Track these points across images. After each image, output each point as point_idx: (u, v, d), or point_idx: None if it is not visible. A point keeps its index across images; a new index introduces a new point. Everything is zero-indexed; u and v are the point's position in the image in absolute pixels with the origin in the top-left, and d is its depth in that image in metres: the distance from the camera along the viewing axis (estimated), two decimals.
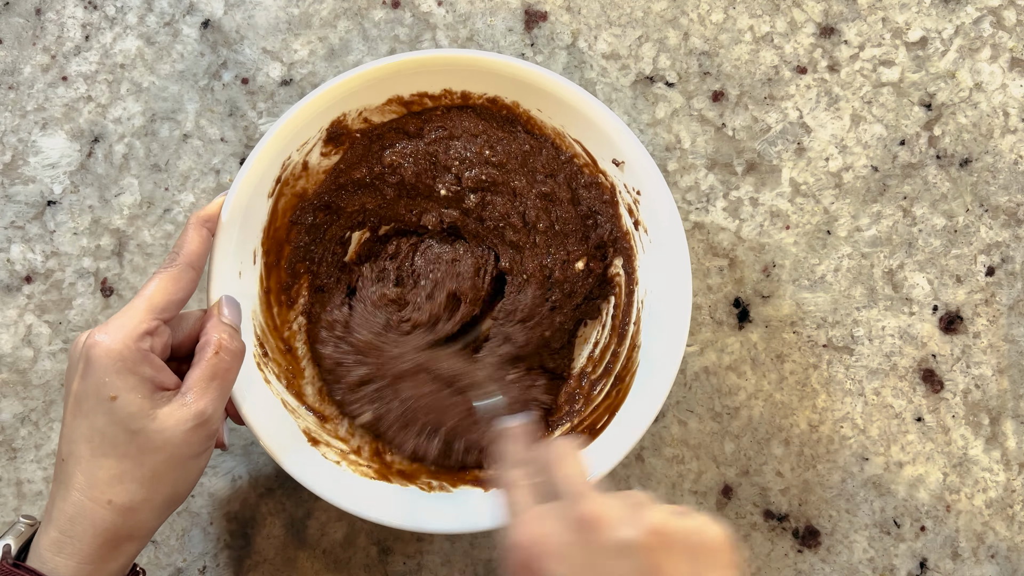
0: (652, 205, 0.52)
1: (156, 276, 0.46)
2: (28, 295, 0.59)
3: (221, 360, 0.45)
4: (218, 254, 0.50)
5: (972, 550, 0.58)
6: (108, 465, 0.42)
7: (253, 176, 0.51)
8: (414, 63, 0.51)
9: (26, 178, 0.60)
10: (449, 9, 0.61)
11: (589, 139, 0.53)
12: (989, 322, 0.59)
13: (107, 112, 0.60)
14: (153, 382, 0.44)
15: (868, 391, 0.59)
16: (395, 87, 0.53)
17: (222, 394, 0.45)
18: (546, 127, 0.54)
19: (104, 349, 0.42)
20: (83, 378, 0.43)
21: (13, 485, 0.58)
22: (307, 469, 0.51)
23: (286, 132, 0.51)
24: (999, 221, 0.60)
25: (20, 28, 0.61)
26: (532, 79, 0.52)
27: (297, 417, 0.53)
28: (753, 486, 0.58)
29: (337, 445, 0.54)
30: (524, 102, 0.53)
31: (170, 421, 0.43)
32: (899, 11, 0.61)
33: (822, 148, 0.60)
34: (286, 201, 0.54)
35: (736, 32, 0.61)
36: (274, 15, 0.61)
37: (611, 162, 0.53)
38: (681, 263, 0.51)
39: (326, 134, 0.53)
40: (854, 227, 0.60)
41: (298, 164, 0.53)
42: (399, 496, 0.52)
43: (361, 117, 0.54)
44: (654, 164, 0.51)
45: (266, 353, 0.53)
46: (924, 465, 0.58)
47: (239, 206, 0.51)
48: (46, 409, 0.59)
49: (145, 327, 0.44)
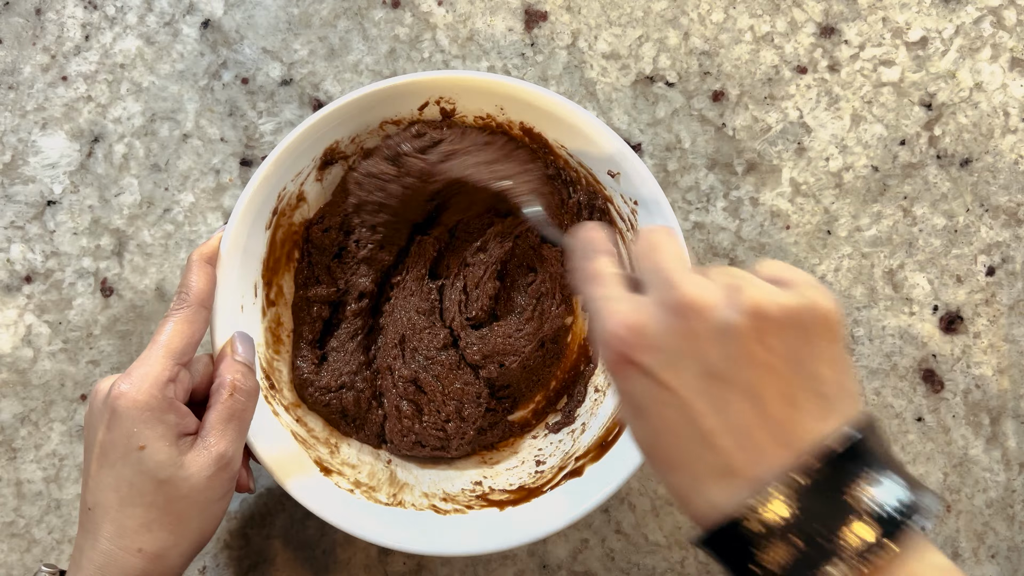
0: (652, 216, 0.52)
1: (169, 320, 0.46)
2: (28, 295, 0.59)
3: (236, 401, 0.46)
4: (219, 289, 0.50)
5: (972, 550, 0.58)
6: (137, 514, 0.43)
7: (250, 209, 0.51)
8: (402, 87, 0.51)
9: (26, 178, 0.60)
10: (449, 9, 0.61)
11: (587, 153, 0.53)
12: (989, 322, 0.59)
13: (107, 112, 0.60)
14: (178, 429, 0.44)
15: (868, 391, 0.59)
16: (386, 111, 0.53)
17: (240, 434, 0.46)
18: (547, 138, 0.54)
19: (130, 400, 0.43)
20: (109, 429, 0.43)
21: (13, 485, 0.58)
22: (322, 501, 0.50)
23: (280, 163, 0.51)
24: (999, 221, 0.60)
25: (20, 28, 0.61)
26: (519, 94, 0.52)
27: (308, 448, 0.53)
28: None
29: (349, 474, 0.53)
30: (517, 117, 0.54)
31: (194, 467, 0.43)
32: (899, 11, 0.61)
33: (822, 148, 0.60)
34: (284, 232, 0.54)
35: (736, 32, 0.61)
36: (274, 15, 0.61)
37: (607, 174, 0.53)
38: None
39: (320, 162, 0.53)
40: (854, 227, 0.60)
41: (294, 194, 0.53)
42: (415, 520, 0.52)
43: (355, 143, 0.54)
44: (651, 174, 0.51)
45: (273, 385, 0.53)
46: (924, 465, 0.58)
47: (238, 240, 0.51)
48: (46, 409, 0.59)
49: (168, 374, 0.44)
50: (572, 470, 0.53)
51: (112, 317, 0.59)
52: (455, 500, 0.53)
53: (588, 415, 0.56)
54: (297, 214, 0.54)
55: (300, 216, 0.55)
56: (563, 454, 0.55)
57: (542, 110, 0.52)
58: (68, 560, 0.58)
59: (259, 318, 0.53)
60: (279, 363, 0.55)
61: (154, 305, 0.59)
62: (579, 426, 0.56)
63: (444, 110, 0.53)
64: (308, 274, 0.56)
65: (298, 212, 0.54)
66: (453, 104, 0.53)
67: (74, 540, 0.49)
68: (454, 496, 0.54)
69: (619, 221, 0.54)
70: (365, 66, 0.61)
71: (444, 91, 0.52)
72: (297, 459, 0.52)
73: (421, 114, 0.53)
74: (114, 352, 0.59)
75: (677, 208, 0.60)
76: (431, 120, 0.54)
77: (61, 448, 0.58)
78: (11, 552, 0.58)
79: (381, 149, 0.54)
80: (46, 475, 0.58)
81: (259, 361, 0.52)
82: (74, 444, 0.59)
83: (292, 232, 0.55)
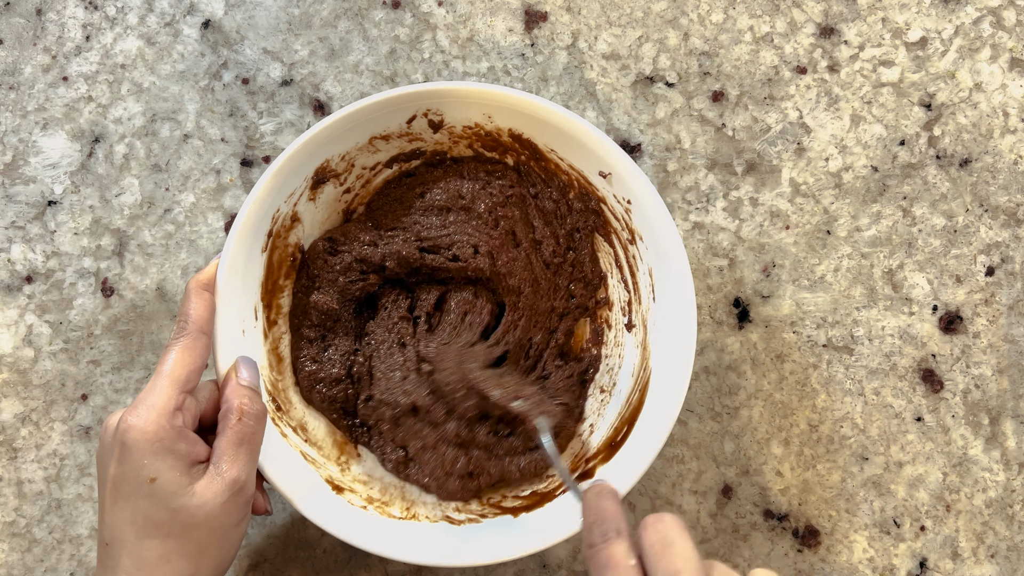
0: (645, 213, 0.52)
1: (171, 349, 0.46)
2: (29, 295, 0.59)
3: (245, 425, 0.46)
4: (219, 314, 0.50)
5: (972, 550, 0.58)
6: (154, 546, 0.43)
7: (245, 233, 0.51)
8: (387, 103, 0.51)
9: (27, 178, 0.60)
10: (449, 9, 0.61)
11: (577, 156, 0.53)
12: (989, 322, 0.59)
13: (108, 112, 0.60)
14: (189, 457, 0.44)
15: (868, 391, 0.59)
16: (374, 127, 0.53)
17: (252, 458, 0.46)
18: (536, 143, 0.54)
19: (139, 432, 0.42)
20: (120, 463, 0.43)
21: (14, 485, 0.58)
22: (337, 519, 0.50)
23: (272, 185, 0.51)
24: (999, 221, 0.60)
25: (21, 28, 0.61)
26: (506, 101, 0.52)
27: (318, 467, 0.53)
28: (753, 486, 0.58)
29: (361, 491, 0.53)
30: (506, 124, 0.54)
31: (208, 494, 0.43)
32: (899, 11, 0.61)
33: (822, 148, 0.60)
34: (280, 254, 0.54)
35: (736, 32, 0.61)
36: (275, 15, 0.61)
37: (598, 174, 0.53)
38: (679, 262, 0.51)
39: (312, 182, 0.53)
40: (854, 227, 0.60)
41: (288, 215, 0.53)
42: (430, 533, 0.52)
43: (346, 160, 0.54)
44: (642, 173, 0.51)
45: (280, 407, 0.53)
46: (924, 465, 0.58)
47: (235, 265, 0.50)
48: (47, 409, 0.59)
49: (174, 403, 0.44)
50: (583, 472, 0.53)
51: (113, 317, 0.59)
52: (468, 510, 0.53)
53: (596, 416, 0.56)
54: (292, 235, 0.54)
55: (295, 237, 0.55)
56: (573, 456, 0.55)
57: (530, 116, 0.52)
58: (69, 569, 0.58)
59: (261, 341, 0.53)
60: (283, 383, 0.55)
61: (155, 305, 0.59)
62: (587, 428, 0.56)
63: (432, 122, 0.54)
64: (307, 282, 0.56)
65: (293, 233, 0.54)
66: (441, 115, 0.53)
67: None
68: (467, 506, 0.54)
69: (613, 221, 0.55)
70: (365, 67, 0.61)
71: (431, 103, 0.52)
72: (308, 479, 0.52)
73: (409, 127, 0.54)
74: (115, 352, 0.59)
75: (677, 208, 0.60)
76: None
77: (62, 448, 0.59)
78: (12, 552, 0.58)
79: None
80: (47, 475, 0.58)
81: (264, 383, 0.52)
82: (75, 444, 0.59)
83: (289, 253, 0.55)
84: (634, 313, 0.55)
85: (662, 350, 0.52)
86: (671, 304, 0.52)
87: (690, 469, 0.59)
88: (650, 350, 0.53)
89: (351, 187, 0.56)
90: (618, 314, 0.56)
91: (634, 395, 0.53)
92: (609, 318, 0.57)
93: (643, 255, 0.53)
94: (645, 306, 0.54)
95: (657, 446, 0.50)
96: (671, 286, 0.52)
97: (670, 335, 0.52)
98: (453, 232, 0.56)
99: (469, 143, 0.56)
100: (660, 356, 0.53)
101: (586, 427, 0.56)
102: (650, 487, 0.58)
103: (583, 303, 0.57)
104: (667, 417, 0.50)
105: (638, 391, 0.53)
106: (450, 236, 0.56)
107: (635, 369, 0.54)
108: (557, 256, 0.56)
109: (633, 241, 0.54)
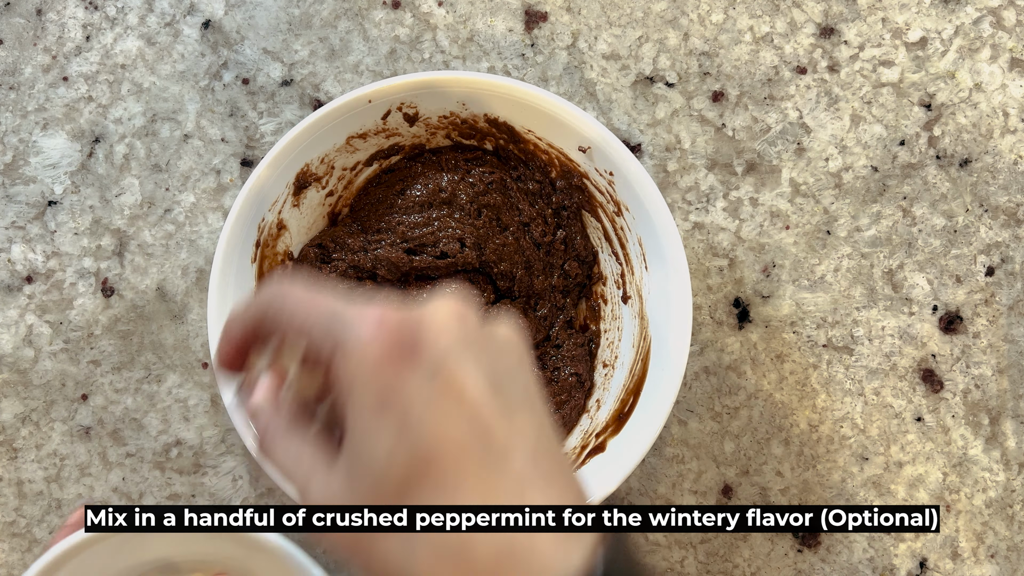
0: (628, 183, 0.52)
1: None
2: (29, 295, 0.59)
3: None
4: (213, 330, 0.50)
5: (972, 550, 0.58)
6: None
7: (233, 246, 0.51)
8: (357, 101, 0.51)
9: (27, 178, 0.60)
10: (449, 9, 0.61)
11: (555, 134, 0.54)
12: (989, 322, 0.59)
13: (108, 112, 0.60)
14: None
15: (868, 391, 0.59)
16: (350, 126, 0.53)
17: None
18: (512, 125, 0.55)
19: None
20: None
21: (14, 485, 0.58)
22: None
23: (253, 195, 0.51)
24: (999, 221, 0.60)
25: (21, 28, 0.61)
26: (478, 86, 0.52)
27: None
28: (753, 486, 0.58)
29: None
30: (480, 110, 0.54)
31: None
32: (899, 11, 0.61)
33: (822, 148, 0.60)
34: (269, 263, 0.54)
35: (736, 32, 0.61)
36: (275, 15, 0.61)
37: (578, 150, 0.53)
38: (667, 228, 0.52)
39: (294, 188, 0.54)
40: (854, 227, 0.60)
41: (273, 224, 0.53)
42: None
43: (325, 163, 0.54)
44: (621, 144, 0.52)
45: None
46: (924, 465, 0.58)
47: (226, 278, 0.51)
48: (47, 409, 0.59)
49: None
50: (595, 447, 0.53)
51: (113, 317, 0.59)
52: None
53: (601, 390, 0.56)
54: (280, 243, 0.55)
55: (283, 244, 0.55)
56: (583, 433, 0.55)
57: (503, 98, 0.52)
58: None
59: None
60: None
61: (155, 305, 0.59)
62: (593, 403, 0.56)
63: (407, 115, 0.54)
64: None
65: (280, 241, 0.55)
66: (415, 108, 0.53)
67: None
68: None
69: (598, 195, 0.55)
70: (366, 67, 0.61)
71: (404, 97, 0.53)
72: None
73: (385, 123, 0.54)
74: (115, 352, 0.59)
75: (676, 208, 0.60)
76: None
77: (62, 448, 0.59)
78: (12, 552, 0.58)
79: None
80: (47, 475, 0.58)
81: None
82: (75, 444, 0.59)
83: (279, 261, 0.55)
84: (628, 285, 0.56)
85: (659, 318, 0.53)
86: (663, 271, 0.53)
87: (690, 469, 0.59)
88: (648, 319, 0.54)
89: (333, 189, 0.56)
90: (612, 287, 0.57)
91: (636, 365, 0.54)
92: (604, 292, 0.57)
93: (631, 225, 0.54)
94: (638, 276, 0.55)
95: (664, 413, 0.51)
96: (662, 253, 0.52)
97: (666, 302, 0.52)
98: (437, 228, 0.56)
99: (447, 133, 0.56)
100: (658, 324, 0.53)
101: (592, 402, 0.56)
102: (650, 487, 0.58)
103: (581, 280, 0.58)
104: (671, 384, 0.51)
105: (640, 361, 0.54)
106: (434, 232, 0.56)
107: (635, 340, 0.55)
108: (547, 235, 0.57)
109: (620, 213, 0.54)
